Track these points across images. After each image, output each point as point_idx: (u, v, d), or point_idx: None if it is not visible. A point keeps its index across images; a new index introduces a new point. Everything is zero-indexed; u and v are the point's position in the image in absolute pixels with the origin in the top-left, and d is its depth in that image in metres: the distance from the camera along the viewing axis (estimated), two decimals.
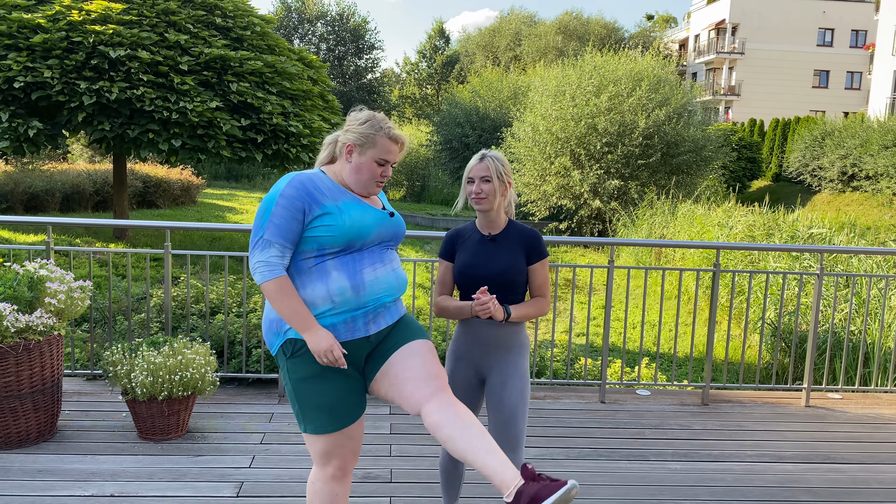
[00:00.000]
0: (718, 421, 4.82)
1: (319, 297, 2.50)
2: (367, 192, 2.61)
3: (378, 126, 2.57)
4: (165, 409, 4.12)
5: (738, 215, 14.45)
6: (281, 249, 2.46)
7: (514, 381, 2.93)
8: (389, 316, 2.65)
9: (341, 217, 2.48)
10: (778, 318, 4.99)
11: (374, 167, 2.57)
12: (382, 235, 2.62)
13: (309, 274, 2.51)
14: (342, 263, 2.52)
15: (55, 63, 9.05)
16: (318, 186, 2.52)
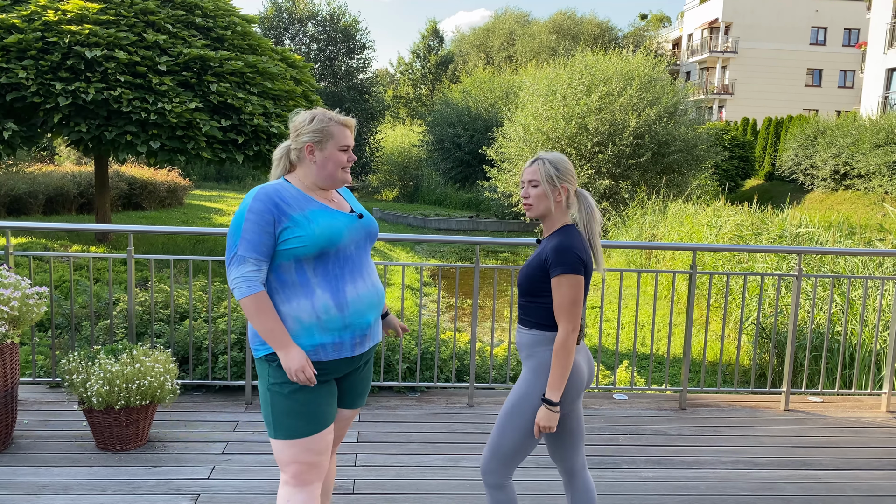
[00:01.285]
0: (695, 426, 4.72)
1: (305, 313, 2.54)
2: (339, 182, 2.63)
3: (326, 118, 2.60)
4: (123, 419, 4.00)
5: (728, 215, 14.37)
6: (256, 264, 2.50)
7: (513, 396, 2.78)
8: (373, 338, 2.73)
9: (310, 226, 2.51)
10: (756, 320, 4.89)
11: (339, 156, 2.61)
12: (355, 237, 2.63)
13: (293, 288, 2.55)
14: (326, 279, 2.55)
15: (30, 64, 8.92)
16: (283, 198, 2.54)
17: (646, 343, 9.58)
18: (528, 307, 2.73)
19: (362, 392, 2.86)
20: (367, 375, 2.86)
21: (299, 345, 2.53)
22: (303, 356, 2.50)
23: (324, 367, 2.58)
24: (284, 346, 2.50)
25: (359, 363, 2.70)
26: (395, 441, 4.29)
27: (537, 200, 2.74)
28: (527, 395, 2.71)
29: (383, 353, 4.98)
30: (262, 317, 2.49)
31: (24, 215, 15.12)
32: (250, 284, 2.48)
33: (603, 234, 20.78)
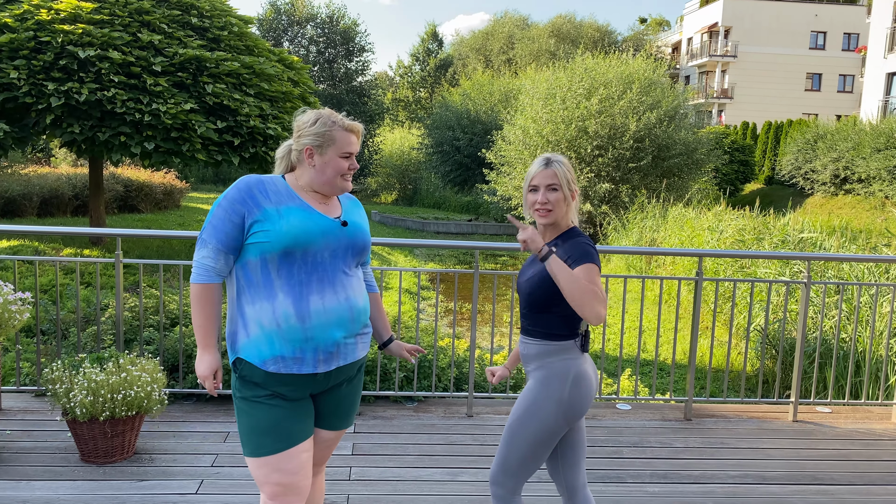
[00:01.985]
0: (701, 438, 4.57)
1: (266, 317, 2.38)
2: (338, 189, 2.49)
3: (331, 122, 2.45)
4: (108, 431, 3.84)
5: (729, 219, 14.23)
6: (214, 252, 2.39)
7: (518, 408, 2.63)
8: (343, 356, 2.50)
9: (279, 221, 2.35)
10: (764, 328, 4.74)
11: (339, 163, 2.46)
12: (331, 245, 2.44)
13: (258, 289, 2.40)
14: (289, 284, 2.38)
15: (22, 63, 8.77)
16: (265, 189, 2.42)
17: (648, 350, 9.44)
18: (539, 317, 2.58)
19: (345, 413, 2.65)
20: (351, 395, 2.65)
21: (259, 353, 2.37)
22: (213, 365, 2.45)
23: (285, 380, 2.40)
24: (202, 347, 2.44)
25: (328, 382, 2.50)
26: (392, 454, 4.13)
27: (557, 206, 2.58)
28: (535, 405, 2.57)
29: (379, 360, 4.83)
30: (198, 310, 2.41)
31: (17, 217, 14.96)
32: (202, 273, 2.40)
33: (602, 238, 20.64)
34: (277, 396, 2.41)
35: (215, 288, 2.43)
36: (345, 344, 2.47)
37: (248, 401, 2.42)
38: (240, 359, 2.42)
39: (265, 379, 2.38)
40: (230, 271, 2.45)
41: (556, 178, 2.57)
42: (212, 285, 2.42)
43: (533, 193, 2.61)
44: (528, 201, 2.63)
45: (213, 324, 2.44)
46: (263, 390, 2.40)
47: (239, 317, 2.43)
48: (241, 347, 2.41)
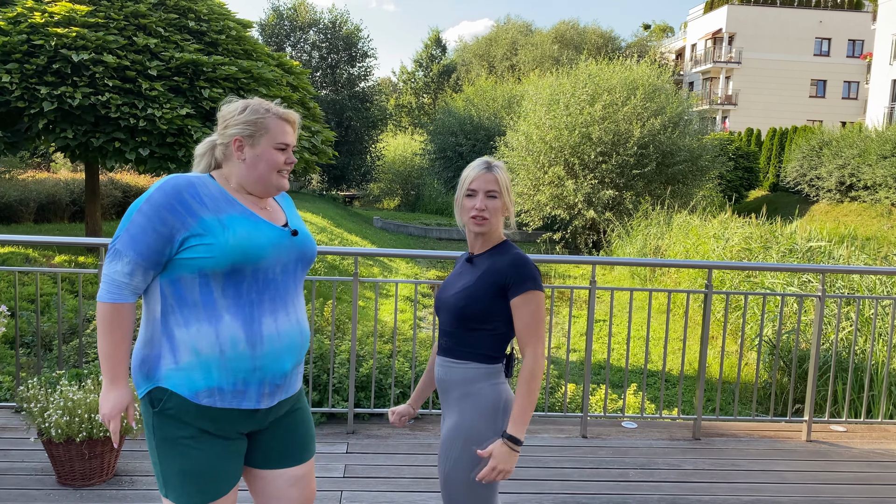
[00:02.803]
0: (711, 459, 4.35)
1: (206, 342, 2.02)
2: (273, 188, 2.16)
3: (263, 108, 2.13)
4: (86, 452, 3.63)
5: (735, 227, 14.02)
6: (131, 266, 2.01)
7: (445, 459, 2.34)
8: (287, 388, 2.19)
9: (224, 234, 2.01)
10: (776, 342, 4.53)
11: (274, 156, 2.13)
12: (282, 258, 2.12)
13: (194, 309, 2.03)
14: (237, 304, 2.04)
15: (15, 67, 8.60)
16: (198, 194, 2.05)
17: (653, 362, 9.22)
18: (470, 336, 2.31)
19: (302, 443, 2.28)
20: (304, 422, 2.29)
21: (191, 383, 2.01)
22: (122, 401, 2.08)
23: (215, 416, 2.05)
24: (112, 379, 2.07)
25: (267, 419, 2.16)
26: (386, 476, 3.92)
27: (495, 215, 2.33)
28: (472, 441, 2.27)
29: (374, 375, 4.62)
30: (106, 334, 2.03)
31: (14, 223, 14.78)
32: (113, 289, 2.03)
33: (606, 245, 20.44)
34: (206, 434, 2.05)
35: (128, 308, 2.05)
36: (293, 373, 2.18)
37: (171, 442, 2.05)
38: (161, 388, 2.04)
39: (195, 414, 2.03)
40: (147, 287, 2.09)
41: (496, 184, 2.33)
42: (124, 305, 2.03)
43: (470, 199, 2.34)
44: (462, 206, 2.36)
45: (124, 351, 2.07)
46: (189, 428, 2.04)
47: (165, 340, 2.04)
48: (166, 376, 2.03)
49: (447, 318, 2.37)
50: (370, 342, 5.46)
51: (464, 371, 2.33)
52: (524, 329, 2.27)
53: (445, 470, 2.32)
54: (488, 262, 2.34)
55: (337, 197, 36.83)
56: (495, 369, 2.33)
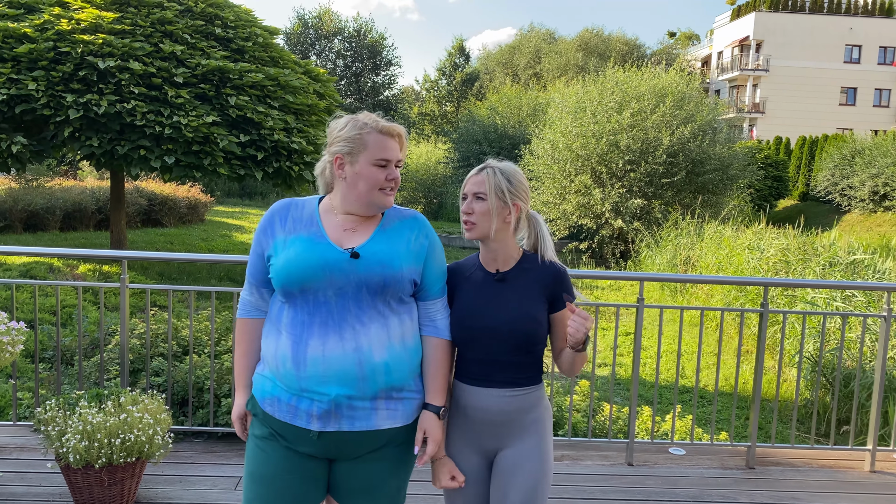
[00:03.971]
0: (768, 490, 4.05)
1: (269, 356, 2.11)
2: (375, 207, 2.09)
3: (362, 123, 2.07)
4: (105, 479, 3.43)
5: (770, 238, 13.61)
6: (249, 286, 2.21)
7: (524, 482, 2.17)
8: (348, 420, 2.03)
9: (281, 255, 2.06)
10: (838, 365, 4.24)
11: (374, 172, 2.05)
12: (336, 281, 2.01)
13: (270, 325, 2.15)
14: (292, 323, 2.05)
15: (41, 75, 8.51)
16: (287, 216, 2.13)
17: (687, 376, 8.88)
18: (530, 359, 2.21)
19: (363, 490, 2.11)
20: (376, 471, 2.10)
21: (262, 389, 2.12)
22: (239, 408, 2.23)
23: (277, 426, 2.09)
24: (237, 387, 2.24)
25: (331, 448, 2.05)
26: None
27: (482, 218, 2.15)
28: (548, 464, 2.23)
29: None
30: (236, 346, 2.25)
31: (40, 231, 14.80)
32: (241, 306, 2.24)
33: (634, 256, 20.07)
34: (278, 438, 2.09)
35: (252, 324, 2.21)
36: (350, 405, 2.00)
37: (251, 439, 2.18)
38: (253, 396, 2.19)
39: (264, 417, 2.12)
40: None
41: (483, 185, 2.15)
42: (248, 320, 2.22)
43: (463, 202, 2.22)
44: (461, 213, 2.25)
45: (247, 363, 2.22)
46: (264, 428, 2.11)
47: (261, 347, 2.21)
48: (254, 379, 2.20)
49: (499, 346, 2.16)
50: None
51: (529, 397, 2.22)
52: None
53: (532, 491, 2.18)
54: (523, 275, 2.21)
55: None
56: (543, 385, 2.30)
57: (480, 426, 2.21)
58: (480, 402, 2.19)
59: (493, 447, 2.23)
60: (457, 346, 2.24)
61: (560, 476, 4.08)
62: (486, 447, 2.23)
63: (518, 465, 2.18)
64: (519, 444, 2.21)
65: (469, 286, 2.24)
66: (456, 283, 2.26)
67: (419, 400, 2.13)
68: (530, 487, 2.16)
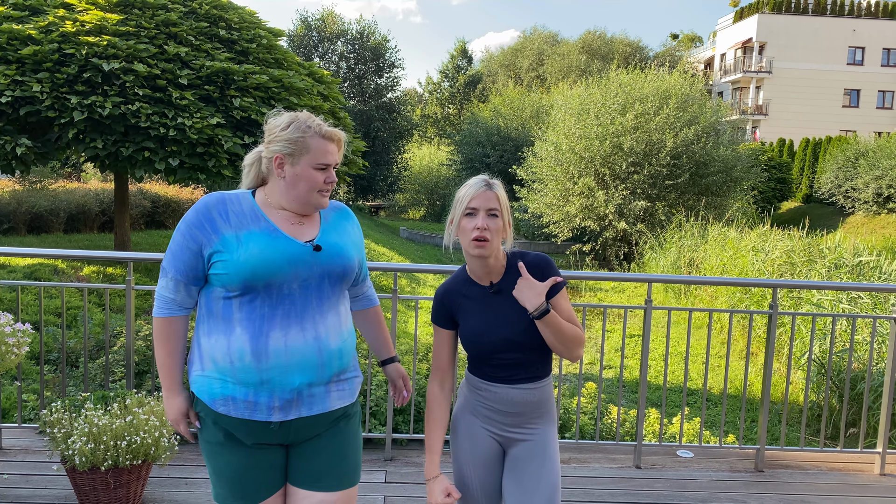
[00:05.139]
0: (778, 494, 4.02)
1: (220, 353, 2.06)
2: (312, 206, 2.14)
3: (305, 126, 2.09)
4: (111, 481, 3.41)
5: (774, 239, 13.58)
6: (174, 283, 2.12)
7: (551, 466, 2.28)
8: (307, 406, 2.11)
9: (237, 251, 2.03)
10: (848, 367, 4.20)
11: (314, 175, 2.10)
12: (301, 274, 2.07)
13: (216, 320, 2.09)
14: (249, 318, 2.05)
15: (45, 76, 8.50)
16: (225, 211, 2.09)
17: (693, 379, 8.86)
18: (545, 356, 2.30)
19: (335, 469, 2.18)
20: (333, 448, 2.19)
21: (210, 391, 2.07)
22: (181, 407, 2.16)
23: (233, 424, 2.08)
24: (167, 388, 2.17)
25: (289, 435, 2.12)
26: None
27: (496, 235, 2.19)
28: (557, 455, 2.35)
29: (413, 399, 4.35)
30: (159, 347, 2.16)
31: (44, 233, 14.79)
32: (162, 305, 2.15)
33: (638, 258, 20.03)
34: (233, 440, 2.10)
35: (177, 322, 2.15)
36: (309, 392, 2.09)
37: (205, 444, 2.15)
38: (193, 393, 2.15)
39: (216, 419, 2.09)
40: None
41: (497, 202, 2.18)
42: (173, 318, 2.14)
43: (469, 218, 2.19)
44: (460, 227, 2.21)
45: (177, 361, 2.17)
46: (218, 431, 2.10)
47: (195, 347, 2.15)
48: (194, 380, 2.13)
49: (516, 351, 2.25)
50: (406, 360, 5.21)
51: (543, 390, 2.31)
52: (570, 317, 2.26)
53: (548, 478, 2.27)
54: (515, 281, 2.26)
55: (363, 207, 36.76)
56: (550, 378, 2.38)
57: (500, 416, 2.31)
58: (507, 397, 2.29)
59: (510, 436, 2.32)
60: (473, 359, 2.33)
61: (568, 479, 4.06)
62: (503, 435, 2.32)
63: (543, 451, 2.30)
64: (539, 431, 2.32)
65: (471, 305, 2.30)
66: (455, 303, 2.32)
67: (360, 378, 2.26)
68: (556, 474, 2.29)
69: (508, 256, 2.31)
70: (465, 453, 2.34)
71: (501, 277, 2.28)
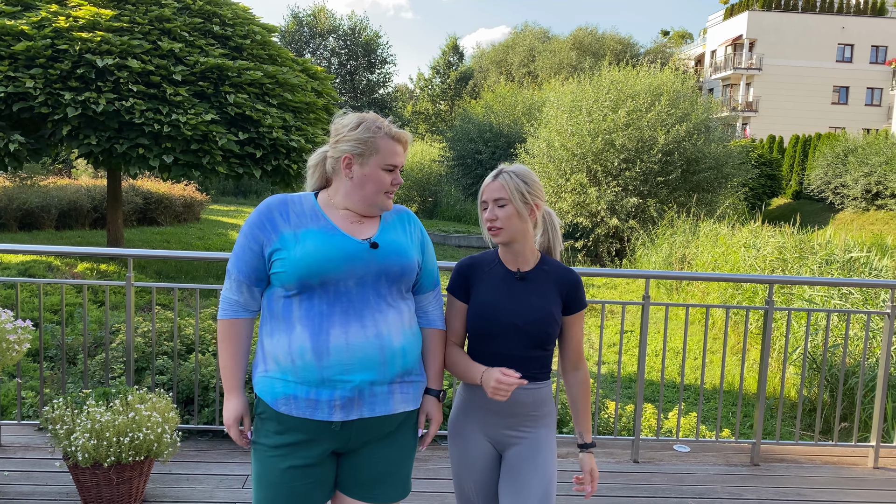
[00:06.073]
0: (773, 487, 4.07)
1: (282, 353, 2.05)
2: (378, 207, 2.14)
3: (376, 127, 2.10)
4: (114, 477, 3.42)
5: (766, 236, 13.66)
6: (237, 284, 2.12)
7: (542, 466, 2.26)
8: (369, 406, 2.07)
9: (294, 248, 2.03)
10: (843, 361, 4.26)
11: (382, 176, 2.11)
12: (357, 271, 2.06)
13: (278, 320, 2.08)
14: (308, 315, 2.03)
15: (39, 72, 8.45)
16: (287, 211, 2.10)
17: (693, 377, 8.92)
18: (544, 357, 2.31)
19: (378, 479, 2.15)
20: (388, 457, 2.16)
21: (272, 391, 2.06)
22: (238, 410, 2.14)
23: (297, 424, 2.06)
24: (228, 390, 2.16)
25: (350, 437, 2.09)
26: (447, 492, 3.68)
27: (508, 223, 2.24)
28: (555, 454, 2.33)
29: None
30: (223, 349, 2.15)
31: (36, 230, 14.72)
32: (226, 307, 2.15)
33: (630, 254, 20.11)
34: (291, 447, 2.07)
35: (241, 324, 2.15)
36: (371, 391, 2.06)
37: (259, 445, 2.12)
38: (255, 394, 2.14)
39: (278, 420, 2.07)
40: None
41: (503, 191, 2.24)
42: (236, 321, 2.14)
43: (484, 211, 2.31)
44: (482, 220, 2.33)
45: (239, 364, 2.15)
46: (277, 436, 2.07)
47: (259, 349, 2.15)
48: (257, 381, 2.12)
49: (518, 342, 2.25)
50: None
51: (542, 392, 2.31)
52: (579, 342, 2.35)
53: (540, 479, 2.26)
54: (544, 277, 2.30)
55: None
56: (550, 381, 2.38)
57: (495, 417, 2.30)
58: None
59: (505, 438, 2.31)
60: (472, 338, 2.32)
61: (566, 473, 4.09)
62: (498, 437, 2.32)
63: (535, 455, 2.27)
64: (532, 434, 2.30)
65: (489, 281, 2.32)
66: (475, 277, 2.34)
67: (424, 383, 2.23)
68: (548, 477, 2.26)
69: (542, 255, 2.36)
70: (462, 459, 2.35)
71: (531, 268, 2.32)
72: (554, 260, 2.38)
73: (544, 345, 2.26)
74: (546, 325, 2.25)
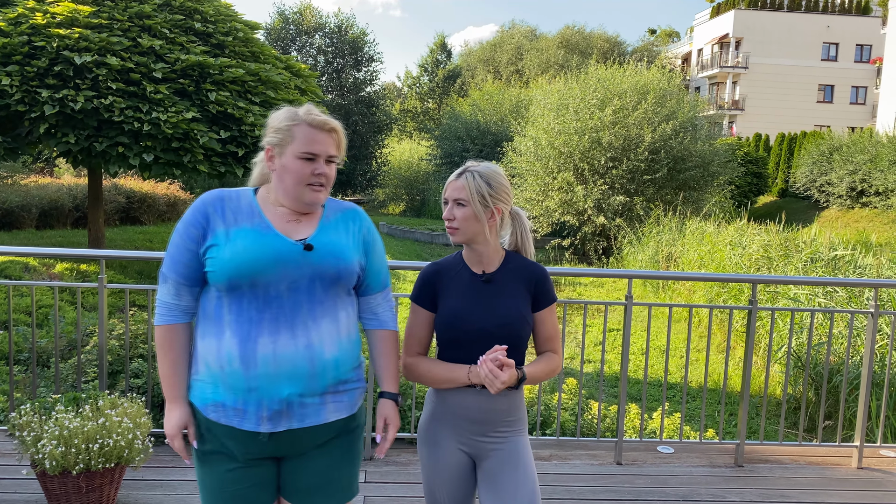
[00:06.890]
0: (757, 489, 4.02)
1: (212, 357, 1.97)
2: (303, 203, 2.00)
3: (294, 115, 1.98)
4: (83, 485, 3.33)
5: (751, 234, 13.68)
6: (175, 287, 2.01)
7: (525, 474, 2.21)
8: (298, 417, 1.98)
9: (225, 247, 1.94)
10: (826, 360, 4.23)
11: (299, 166, 1.96)
12: (290, 274, 1.95)
13: (210, 321, 1.99)
14: (238, 321, 1.94)
15: (15, 70, 8.32)
16: (223, 208, 1.99)
17: (673, 375, 8.90)
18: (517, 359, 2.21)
19: (319, 486, 2.07)
20: (327, 465, 2.08)
21: (203, 396, 1.99)
22: (181, 420, 2.01)
23: (223, 432, 1.98)
24: (169, 399, 2.03)
25: (281, 447, 2.01)
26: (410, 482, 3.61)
27: (465, 223, 2.17)
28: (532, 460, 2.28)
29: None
30: (162, 356, 2.02)
31: (16, 230, 14.54)
32: (164, 312, 2.03)
33: (616, 252, 20.12)
34: (224, 453, 2.00)
35: (180, 329, 2.03)
36: (301, 403, 1.96)
37: (197, 453, 2.06)
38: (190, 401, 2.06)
39: (208, 426, 2.00)
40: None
41: (464, 191, 2.16)
42: (175, 326, 2.02)
43: (445, 208, 2.24)
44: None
45: (179, 372, 2.03)
46: (211, 442, 2.01)
47: (194, 350, 2.06)
48: (189, 385, 2.04)
49: (488, 347, 2.15)
50: None
51: (515, 397, 2.25)
52: (553, 335, 2.28)
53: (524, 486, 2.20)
54: (510, 276, 2.24)
55: None
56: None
57: (468, 424, 2.23)
58: (467, 402, 2.21)
59: (479, 445, 2.25)
60: (443, 347, 2.25)
61: (549, 476, 4.04)
62: (472, 444, 2.25)
63: (516, 463, 2.22)
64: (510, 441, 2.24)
65: (455, 287, 2.25)
66: (441, 284, 2.27)
67: (362, 388, 2.13)
68: (532, 485, 2.21)
69: (507, 253, 2.30)
70: (434, 467, 2.27)
71: (496, 269, 2.25)
72: (519, 256, 2.31)
73: (517, 347, 2.20)
74: (517, 327, 2.19)
